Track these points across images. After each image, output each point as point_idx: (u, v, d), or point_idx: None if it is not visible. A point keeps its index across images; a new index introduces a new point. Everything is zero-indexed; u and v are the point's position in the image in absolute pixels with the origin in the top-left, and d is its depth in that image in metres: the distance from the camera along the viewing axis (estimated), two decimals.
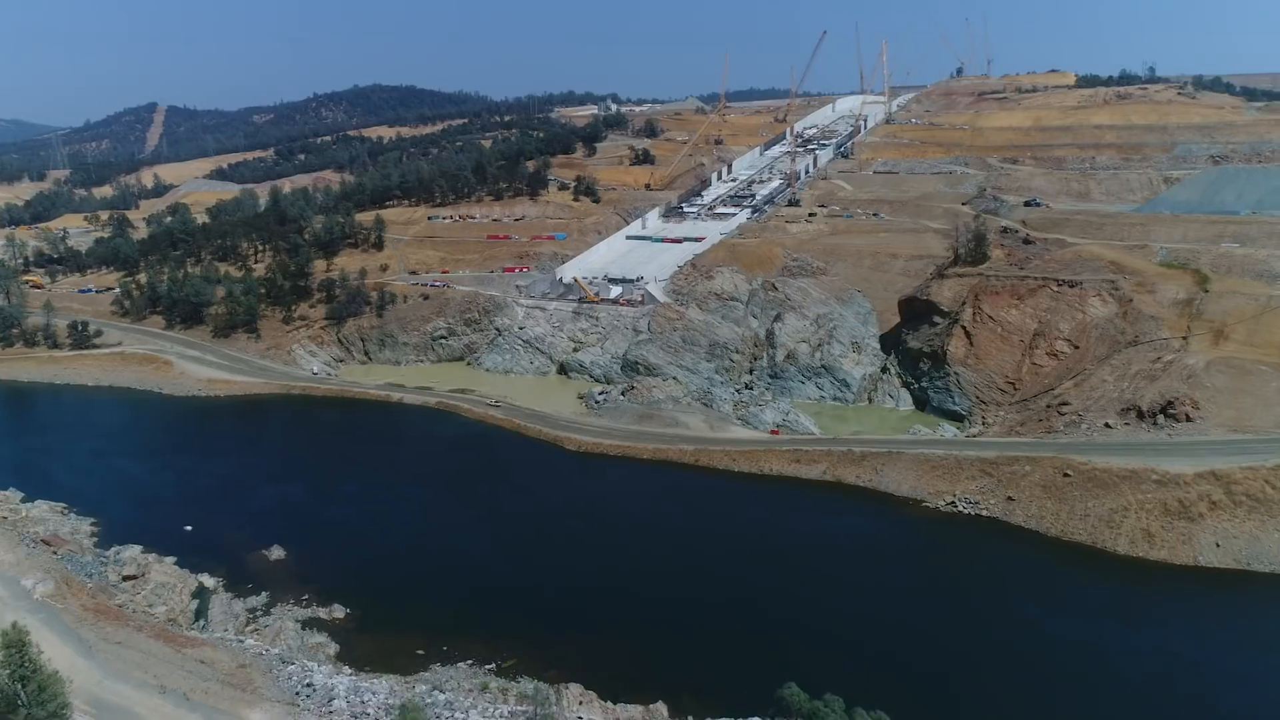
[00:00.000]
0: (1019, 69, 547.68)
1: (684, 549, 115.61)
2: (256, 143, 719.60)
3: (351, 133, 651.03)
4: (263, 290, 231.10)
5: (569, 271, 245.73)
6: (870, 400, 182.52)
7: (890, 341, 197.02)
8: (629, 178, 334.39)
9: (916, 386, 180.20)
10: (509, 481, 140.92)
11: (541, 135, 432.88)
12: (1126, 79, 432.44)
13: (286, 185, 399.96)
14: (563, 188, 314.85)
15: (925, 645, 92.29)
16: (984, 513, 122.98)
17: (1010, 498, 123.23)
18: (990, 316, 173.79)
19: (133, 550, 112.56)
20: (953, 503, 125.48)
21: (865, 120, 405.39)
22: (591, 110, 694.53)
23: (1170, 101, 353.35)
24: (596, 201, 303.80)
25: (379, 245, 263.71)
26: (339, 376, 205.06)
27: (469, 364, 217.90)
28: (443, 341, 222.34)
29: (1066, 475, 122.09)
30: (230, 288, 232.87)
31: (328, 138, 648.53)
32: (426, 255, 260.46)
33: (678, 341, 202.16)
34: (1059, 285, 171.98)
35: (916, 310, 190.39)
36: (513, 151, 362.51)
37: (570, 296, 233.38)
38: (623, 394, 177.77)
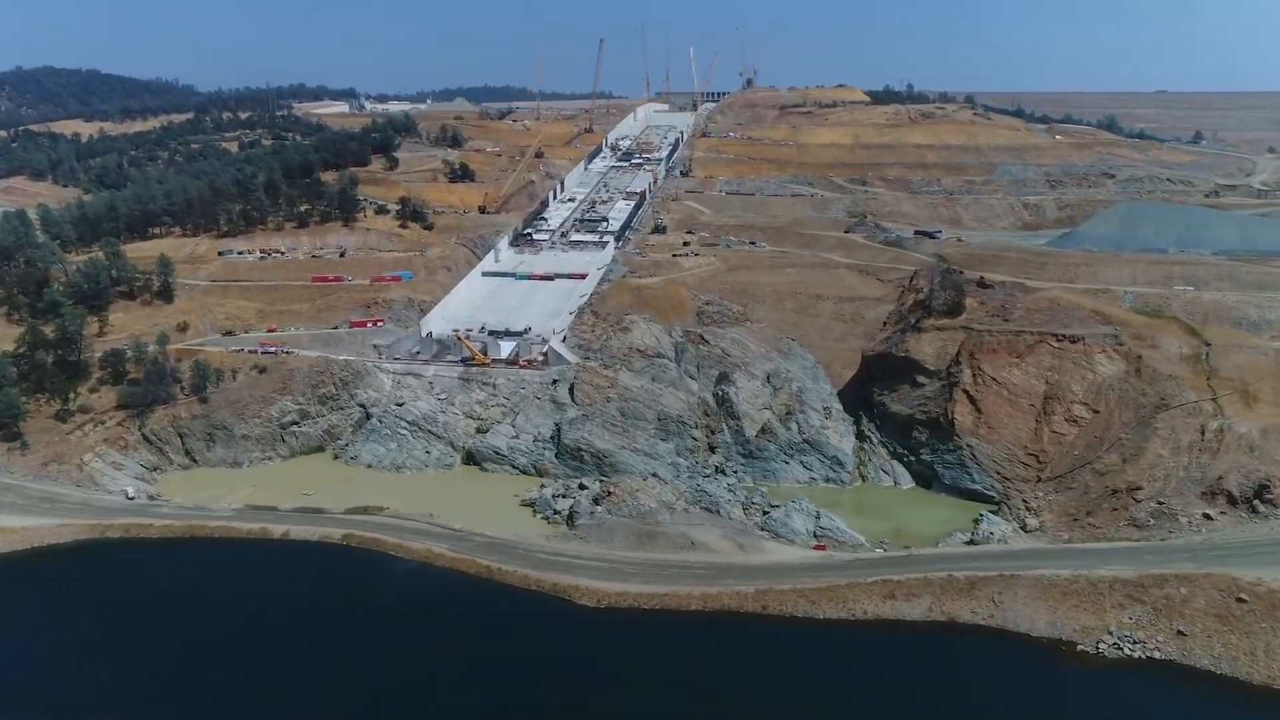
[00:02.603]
0: (781, 81, 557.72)
1: None
2: None
3: (36, 128, 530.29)
4: (14, 371, 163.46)
5: (436, 324, 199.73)
6: (863, 478, 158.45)
7: (849, 401, 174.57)
8: (453, 197, 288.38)
9: (912, 459, 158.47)
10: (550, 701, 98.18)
11: (310, 141, 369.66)
12: (914, 97, 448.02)
13: None
14: (380, 210, 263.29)
15: None
16: (1155, 654, 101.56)
17: (1181, 632, 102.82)
18: (993, 378, 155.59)
19: None
20: (1115, 644, 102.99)
21: (683, 134, 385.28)
22: (340, 108, 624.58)
23: (972, 122, 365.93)
24: (429, 228, 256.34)
25: (166, 295, 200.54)
26: (166, 498, 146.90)
27: (336, 456, 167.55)
28: (295, 429, 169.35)
29: (1241, 600, 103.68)
30: None
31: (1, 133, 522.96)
32: (237, 307, 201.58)
33: (615, 415, 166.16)
34: (1059, 340, 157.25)
35: (891, 368, 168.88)
36: (294, 163, 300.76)
37: (449, 358, 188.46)
38: (596, 502, 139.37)
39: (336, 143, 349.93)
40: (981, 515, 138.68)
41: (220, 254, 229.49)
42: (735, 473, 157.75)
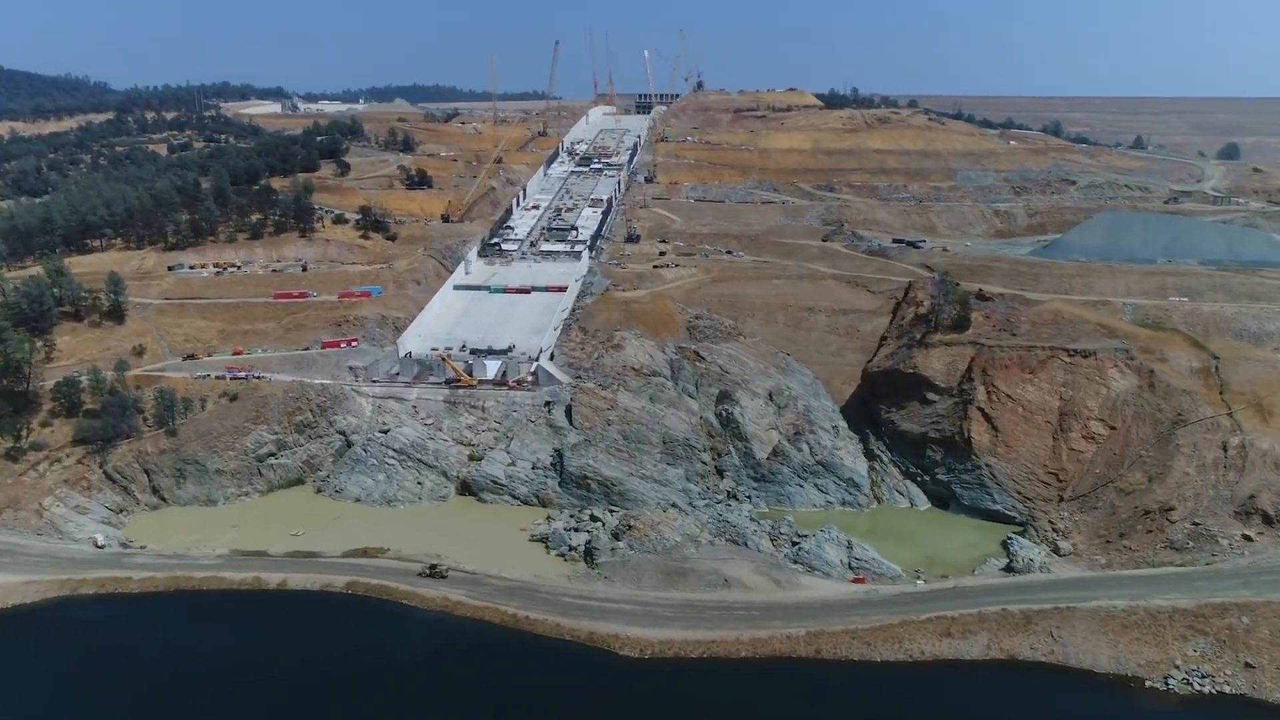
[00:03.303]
0: (724, 84, 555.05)
1: None
2: None
3: None
4: None
5: (413, 342, 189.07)
6: (878, 500, 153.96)
7: (852, 418, 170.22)
8: (412, 205, 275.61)
9: (927, 479, 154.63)
10: None
11: (250, 145, 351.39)
12: (860, 101, 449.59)
13: None
14: (339, 220, 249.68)
15: None
16: (1225, 689, 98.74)
17: (1249, 664, 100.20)
18: (1008, 395, 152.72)
19: None
20: (1185, 679, 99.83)
21: (640, 137, 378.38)
22: (271, 108, 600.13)
23: (928, 127, 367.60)
24: (392, 239, 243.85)
25: (117, 316, 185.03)
26: (139, 544, 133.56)
27: (319, 490, 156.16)
28: (272, 461, 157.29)
29: None
30: None
31: None
32: (196, 328, 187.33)
33: (618, 439, 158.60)
34: (1070, 355, 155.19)
35: (898, 384, 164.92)
36: (239, 169, 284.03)
37: (431, 379, 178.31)
38: (616, 537, 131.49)
39: (280, 146, 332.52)
40: (1010, 538, 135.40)
41: (170, 269, 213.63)
42: (748, 497, 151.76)
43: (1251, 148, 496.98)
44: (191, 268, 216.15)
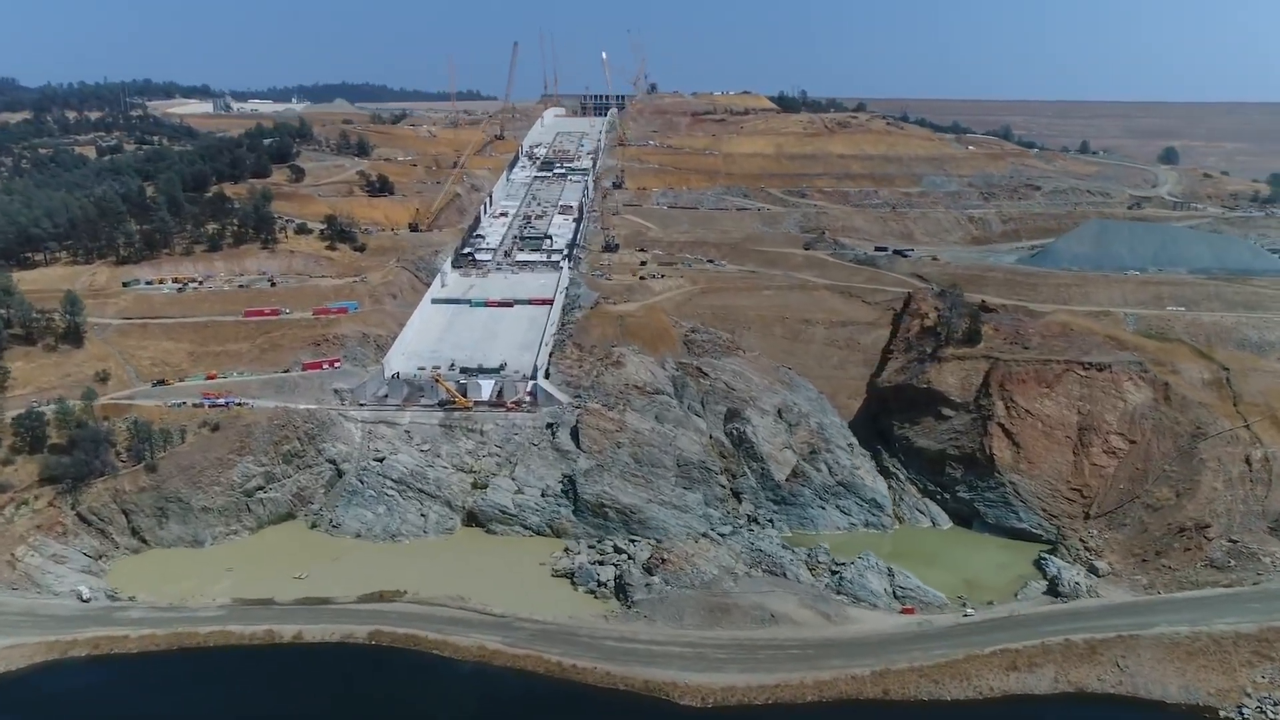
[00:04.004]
0: (672, 86, 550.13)
1: None
2: None
3: None
4: None
5: (399, 362, 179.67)
6: (899, 519, 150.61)
7: (860, 434, 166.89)
8: (376, 213, 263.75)
9: (946, 496, 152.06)
10: None
11: (193, 149, 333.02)
12: (809, 104, 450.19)
13: None
14: (302, 230, 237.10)
15: None
16: None
17: None
18: (1027, 410, 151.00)
19: None
20: (1259, 708, 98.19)
21: (601, 140, 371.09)
22: (202, 107, 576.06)
23: (888, 131, 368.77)
24: (360, 249, 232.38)
25: (75, 338, 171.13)
26: (128, 596, 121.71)
27: (314, 525, 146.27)
28: (261, 495, 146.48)
29: None
30: None
31: None
32: (163, 350, 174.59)
33: (629, 463, 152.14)
34: (1085, 369, 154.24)
35: (911, 400, 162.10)
36: (185, 175, 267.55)
37: (423, 401, 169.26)
38: (649, 572, 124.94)
39: (224, 150, 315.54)
40: (1043, 558, 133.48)
41: (125, 284, 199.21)
42: (770, 521, 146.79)
43: (1180, 151, 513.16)
44: (149, 283, 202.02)
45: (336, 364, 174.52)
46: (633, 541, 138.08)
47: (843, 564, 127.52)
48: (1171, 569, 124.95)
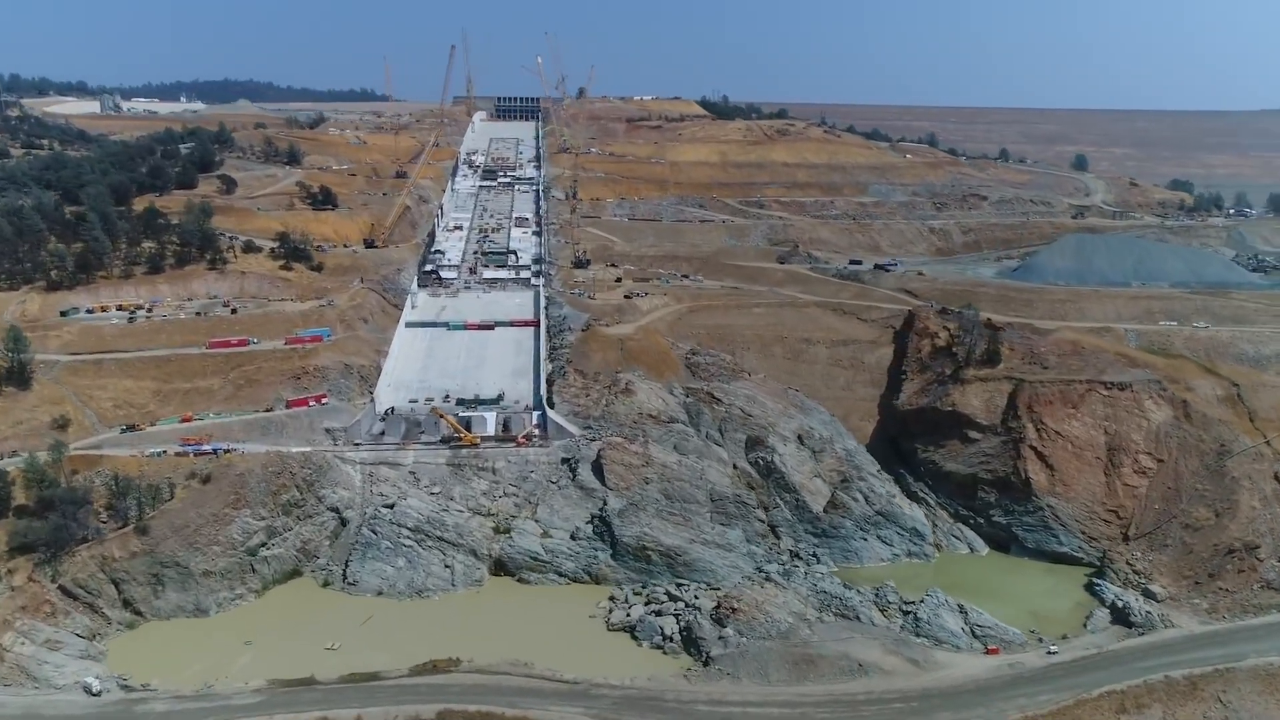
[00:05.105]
0: (605, 91, 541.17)
1: None
2: None
3: None
4: None
5: (389, 395, 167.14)
6: (937, 547, 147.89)
7: (878, 457, 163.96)
8: (325, 228, 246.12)
9: (980, 521, 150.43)
10: None
11: (100, 156, 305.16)
12: (730, 110, 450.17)
13: None
14: (250, 248, 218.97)
15: None
16: None
17: None
18: (1057, 432, 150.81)
19: None
20: None
21: (540, 147, 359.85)
22: (86, 107, 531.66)
23: (827, 139, 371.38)
24: (318, 269, 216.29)
25: (21, 380, 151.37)
26: (142, 685, 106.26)
27: (326, 583, 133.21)
28: (264, 552, 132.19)
29: None
30: None
31: None
32: (124, 390, 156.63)
33: (660, 500, 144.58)
34: (1108, 388, 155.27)
35: (935, 423, 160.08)
36: (110, 186, 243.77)
37: (425, 438, 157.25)
38: (720, 623, 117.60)
39: (138, 158, 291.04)
40: (1095, 583, 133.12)
41: (63, 314, 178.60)
42: (814, 556, 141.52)
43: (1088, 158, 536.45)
44: (90, 311, 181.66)
45: (324, 400, 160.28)
46: (680, 585, 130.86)
47: (912, 603, 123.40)
48: (1229, 591, 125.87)
